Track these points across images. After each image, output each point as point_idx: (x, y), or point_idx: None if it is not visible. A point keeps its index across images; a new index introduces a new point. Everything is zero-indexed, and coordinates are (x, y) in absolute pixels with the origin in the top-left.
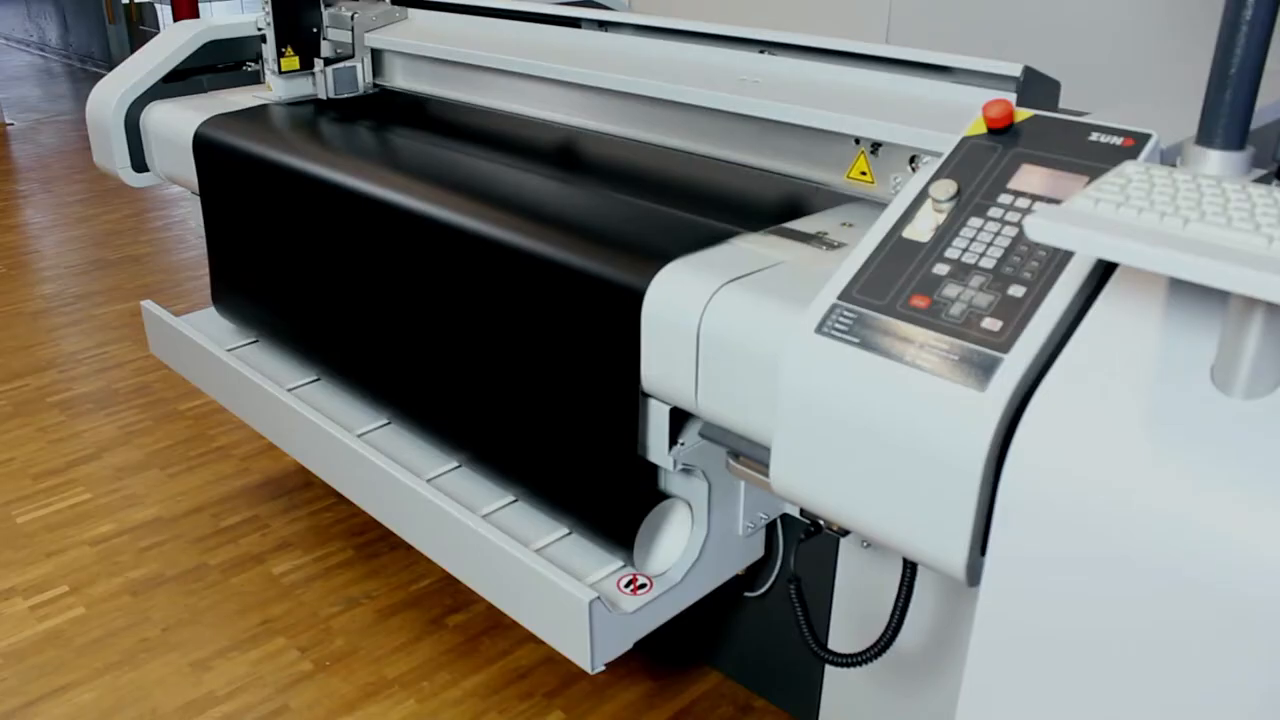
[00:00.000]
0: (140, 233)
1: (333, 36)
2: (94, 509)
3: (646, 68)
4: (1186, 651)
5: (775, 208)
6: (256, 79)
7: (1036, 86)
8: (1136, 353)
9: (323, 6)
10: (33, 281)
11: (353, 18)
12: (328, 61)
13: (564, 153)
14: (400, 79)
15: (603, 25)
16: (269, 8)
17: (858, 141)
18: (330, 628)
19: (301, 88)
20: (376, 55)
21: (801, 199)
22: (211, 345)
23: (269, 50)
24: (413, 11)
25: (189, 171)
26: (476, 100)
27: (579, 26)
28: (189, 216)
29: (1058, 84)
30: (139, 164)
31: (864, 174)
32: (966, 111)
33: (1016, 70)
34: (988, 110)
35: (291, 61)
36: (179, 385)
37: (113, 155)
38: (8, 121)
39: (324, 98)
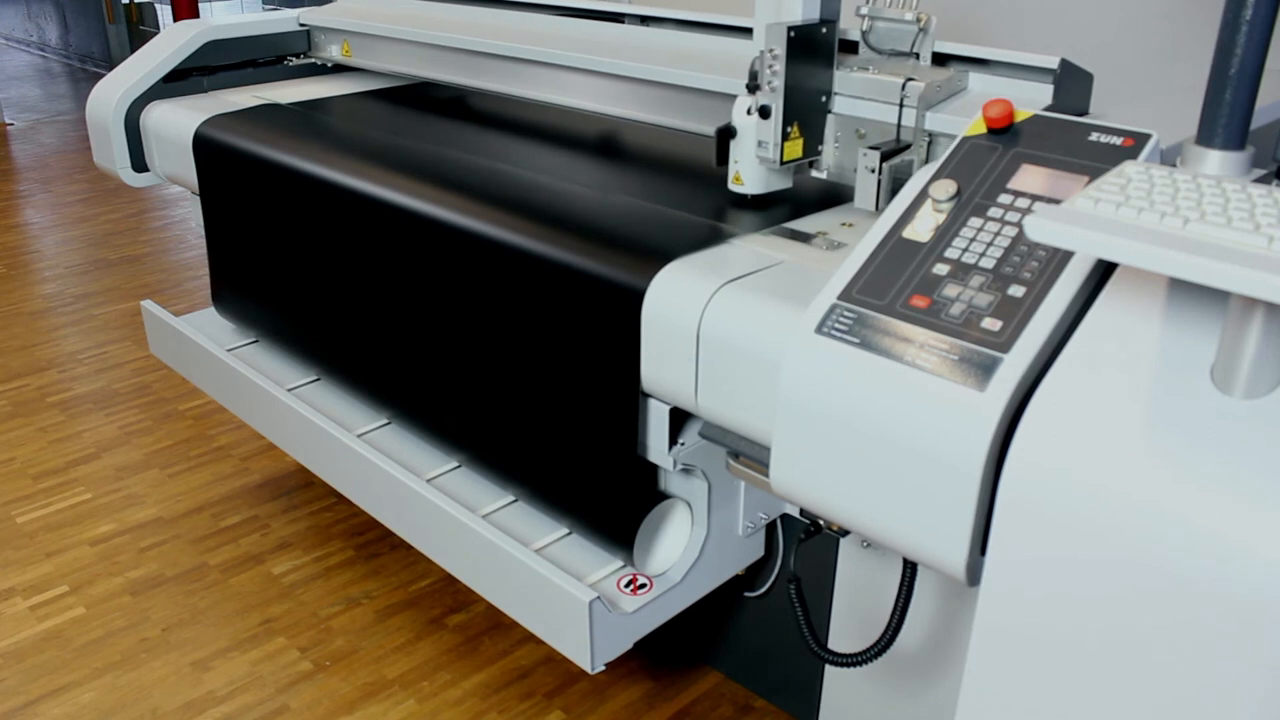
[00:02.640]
0: (140, 233)
1: (846, 110)
2: (94, 509)
3: (682, 59)
4: (1186, 651)
5: (814, 196)
6: (264, 78)
7: (1071, 79)
8: (1136, 353)
9: (835, 67)
10: (33, 281)
11: (905, 86)
12: (885, 156)
13: (576, 145)
14: None
15: (644, 20)
16: (776, 66)
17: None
18: (330, 628)
19: (779, 181)
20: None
21: (833, 188)
22: (211, 345)
23: (765, 129)
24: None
25: (189, 171)
26: (510, 90)
27: (622, 21)
28: (189, 216)
29: (1091, 77)
30: (139, 164)
31: None
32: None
33: (1053, 63)
34: (988, 110)
35: (796, 148)
36: (179, 385)
37: (113, 155)
38: (8, 121)
39: (871, 209)
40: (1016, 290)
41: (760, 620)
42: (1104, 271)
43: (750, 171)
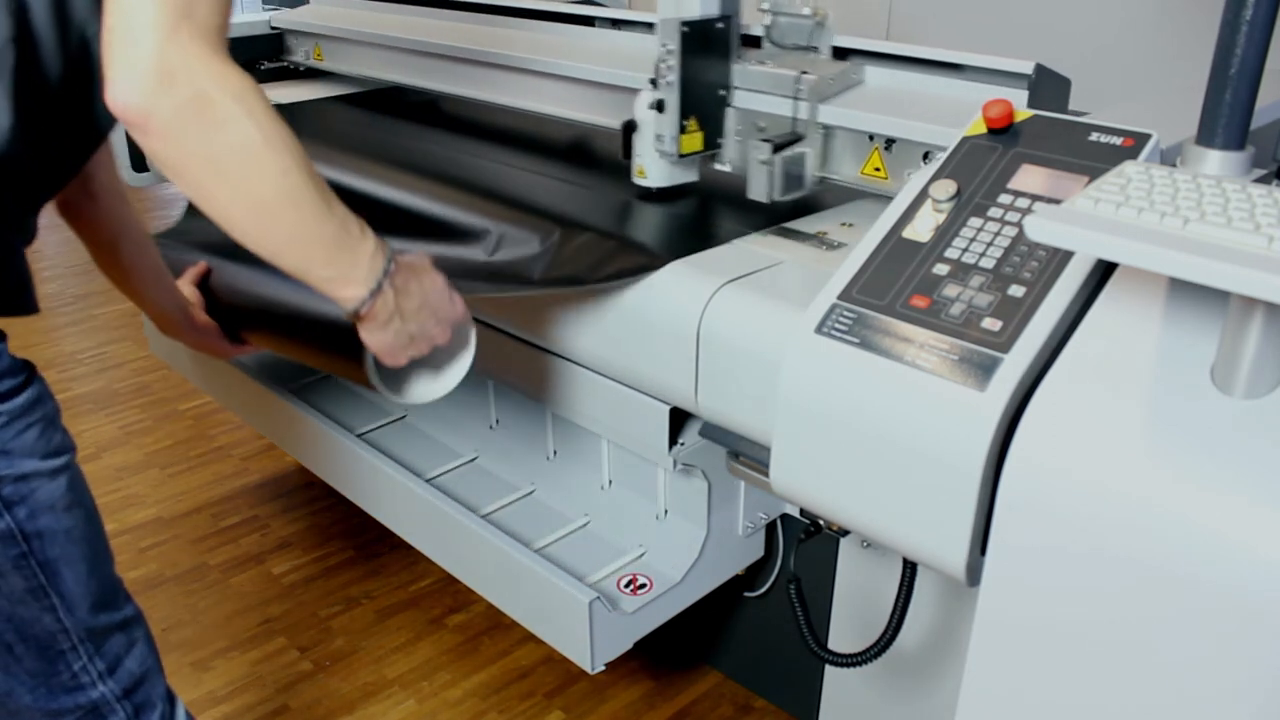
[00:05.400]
0: None
1: (746, 104)
2: None
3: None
4: (1186, 652)
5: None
6: (265, 79)
7: (1047, 84)
8: (1136, 353)
9: (734, 61)
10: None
11: (799, 79)
12: (778, 147)
13: (573, 150)
14: None
15: (615, 24)
16: (671, 61)
17: (871, 138)
18: (330, 628)
19: (682, 174)
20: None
21: (814, 195)
22: None
23: (663, 122)
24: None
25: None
26: (487, 96)
27: (593, 25)
28: None
29: (1068, 81)
30: (139, 164)
31: (878, 169)
32: (978, 108)
33: (1028, 68)
34: (987, 110)
35: (694, 140)
36: (179, 385)
37: (113, 155)
38: None
39: (764, 200)
40: (1016, 290)
41: (760, 620)
42: (1104, 271)
43: (652, 165)
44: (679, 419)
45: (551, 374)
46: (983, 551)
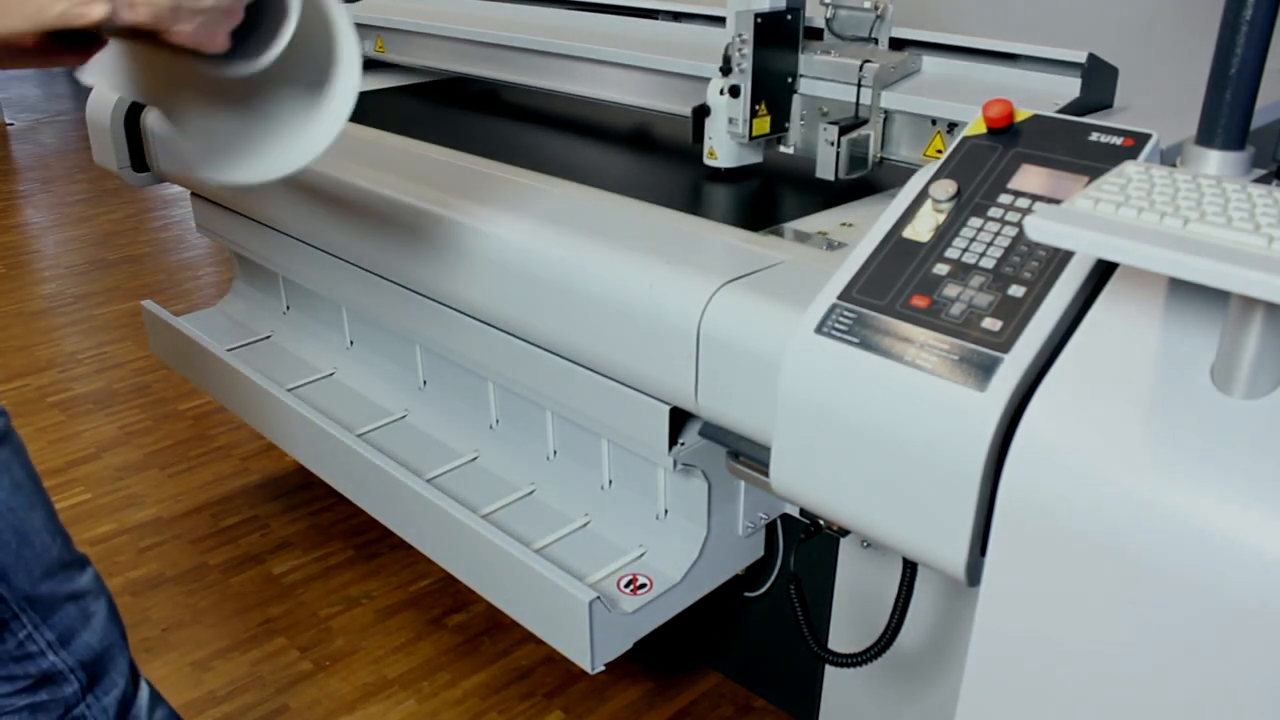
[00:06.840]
0: (140, 233)
1: (811, 90)
2: (94, 509)
3: (707, 52)
4: (1187, 652)
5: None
6: None
7: (1098, 73)
8: (1136, 353)
9: (800, 50)
10: (33, 281)
11: (862, 68)
12: (843, 130)
13: (638, 135)
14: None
15: (676, 16)
16: (745, 50)
17: (934, 122)
18: (330, 628)
19: (750, 155)
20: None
21: (877, 176)
22: (212, 345)
23: (735, 107)
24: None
25: (189, 171)
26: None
27: (656, 18)
28: (189, 217)
29: (1116, 71)
30: (139, 164)
31: (939, 151)
32: (1032, 95)
33: (1080, 57)
34: (987, 110)
35: (763, 124)
36: (179, 385)
37: (112, 155)
38: (8, 121)
39: (830, 178)
40: (1016, 290)
41: (760, 620)
42: (1104, 271)
43: (723, 146)
44: (679, 419)
45: (551, 374)
46: (983, 551)
